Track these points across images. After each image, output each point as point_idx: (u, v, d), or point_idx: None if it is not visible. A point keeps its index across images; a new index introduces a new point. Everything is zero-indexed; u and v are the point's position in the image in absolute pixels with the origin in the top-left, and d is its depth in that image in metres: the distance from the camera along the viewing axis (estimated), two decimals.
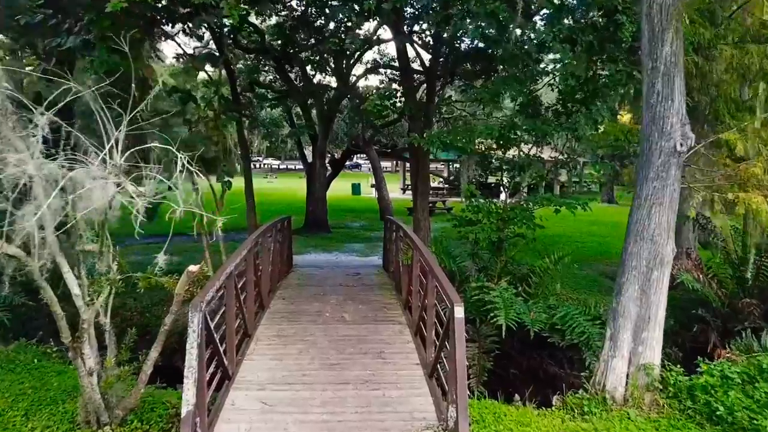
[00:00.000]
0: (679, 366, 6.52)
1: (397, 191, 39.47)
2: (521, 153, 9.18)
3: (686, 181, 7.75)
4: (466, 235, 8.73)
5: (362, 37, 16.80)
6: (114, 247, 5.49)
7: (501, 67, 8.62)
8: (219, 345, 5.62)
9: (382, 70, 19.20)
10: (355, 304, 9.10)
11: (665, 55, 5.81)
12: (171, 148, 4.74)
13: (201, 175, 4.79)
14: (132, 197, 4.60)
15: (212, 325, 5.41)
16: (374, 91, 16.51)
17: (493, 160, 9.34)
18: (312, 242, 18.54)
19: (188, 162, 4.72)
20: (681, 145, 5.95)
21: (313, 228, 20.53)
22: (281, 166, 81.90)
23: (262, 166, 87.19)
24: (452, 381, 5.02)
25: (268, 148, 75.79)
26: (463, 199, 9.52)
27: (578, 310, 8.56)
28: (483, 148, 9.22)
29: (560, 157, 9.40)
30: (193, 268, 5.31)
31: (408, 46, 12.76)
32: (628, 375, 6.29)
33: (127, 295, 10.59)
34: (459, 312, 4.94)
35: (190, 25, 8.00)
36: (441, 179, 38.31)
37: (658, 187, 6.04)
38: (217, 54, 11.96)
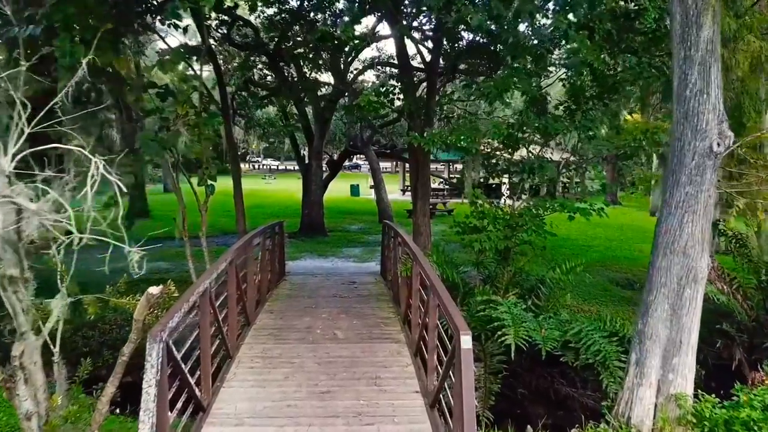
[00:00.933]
0: (712, 395, 5.77)
1: (396, 192, 38.74)
2: (530, 154, 8.45)
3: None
4: (471, 244, 7.99)
5: (359, 33, 16.11)
6: (62, 266, 4.70)
7: (508, 59, 7.90)
8: (189, 376, 4.87)
9: (380, 67, 18.45)
10: (349, 318, 8.35)
11: (702, 41, 5.06)
12: (83, 151, 3.94)
13: (119, 184, 3.94)
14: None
15: (181, 354, 4.67)
16: (370, 86, 15.76)
17: (500, 162, 8.58)
18: (307, 247, 17.81)
19: (105, 168, 3.91)
20: (718, 145, 5.21)
21: (309, 232, 19.79)
22: (280, 167, 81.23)
23: (261, 166, 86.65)
24: (458, 421, 4.28)
25: (266, 148, 75.30)
26: (466, 201, 8.79)
27: (593, 325, 7.81)
28: (489, 149, 8.48)
29: (571, 158, 8.66)
30: (153, 290, 4.56)
31: (407, 41, 12.06)
32: (656, 406, 5.55)
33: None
34: (466, 342, 4.19)
35: (167, 14, 7.27)
36: (441, 180, 37.55)
37: (691, 192, 5.29)
38: (202, 47, 11.24)
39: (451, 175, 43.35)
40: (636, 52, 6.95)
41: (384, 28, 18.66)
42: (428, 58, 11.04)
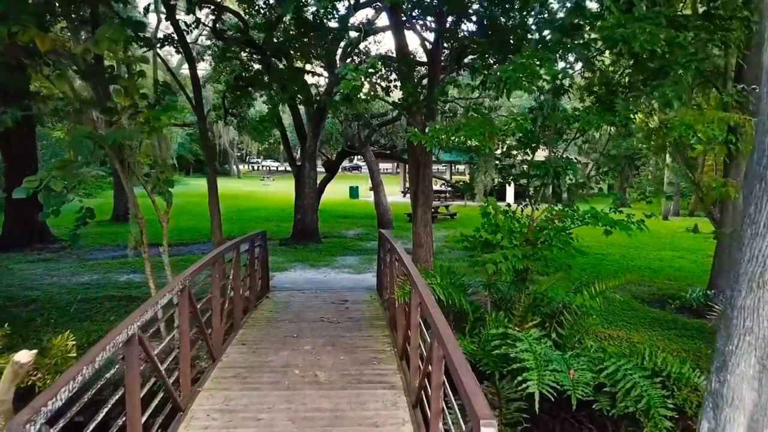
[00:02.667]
0: None
1: (397, 195, 37.37)
2: (552, 154, 7.05)
3: None
4: (483, 264, 6.59)
5: (356, 23, 14.76)
6: None
7: (526, 41, 6.58)
8: None
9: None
10: (336, 352, 6.95)
11: None
12: None
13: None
14: None
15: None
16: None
17: (517, 164, 7.18)
18: (299, 255, 16.42)
19: None
20: None
21: (302, 238, 18.42)
22: (279, 168, 79.98)
23: (260, 167, 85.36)
24: None
25: (266, 149, 73.96)
26: (470, 203, 7.46)
27: (630, 362, 6.40)
28: (504, 148, 7.09)
29: (601, 158, 7.26)
30: (22, 356, 3.14)
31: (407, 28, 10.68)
32: None
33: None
34: None
35: None
36: (443, 182, 36.16)
37: None
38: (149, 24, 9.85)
39: (456, 180, 41.93)
40: (690, 26, 5.56)
41: (382, 19, 17.38)
42: (430, 45, 9.63)
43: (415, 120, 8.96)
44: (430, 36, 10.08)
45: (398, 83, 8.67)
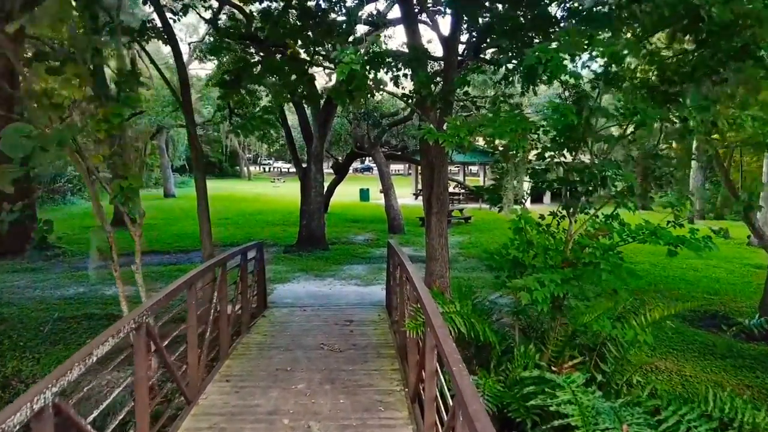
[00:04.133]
0: None
1: (408, 197, 36.26)
2: (594, 156, 5.86)
3: None
4: (515, 291, 5.41)
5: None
6: None
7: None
8: None
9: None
10: (335, 392, 5.82)
11: None
12: None
13: None
14: None
15: None
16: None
17: (553, 167, 5.99)
18: (303, 264, 15.33)
19: None
20: None
21: (308, 245, 17.34)
22: (291, 169, 79.14)
23: (272, 169, 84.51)
24: None
25: (277, 150, 73.08)
26: (485, 207, 6.32)
27: (694, 410, 5.21)
28: (539, 148, 5.91)
29: (650, 161, 6.08)
30: None
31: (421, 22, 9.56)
32: None
33: None
34: None
35: None
36: (457, 183, 34.95)
37: None
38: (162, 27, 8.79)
39: (478, 187, 40.68)
40: None
41: (394, 11, 16.24)
42: (446, 32, 8.46)
43: (428, 116, 7.81)
44: (446, 27, 8.95)
45: (409, 72, 7.50)
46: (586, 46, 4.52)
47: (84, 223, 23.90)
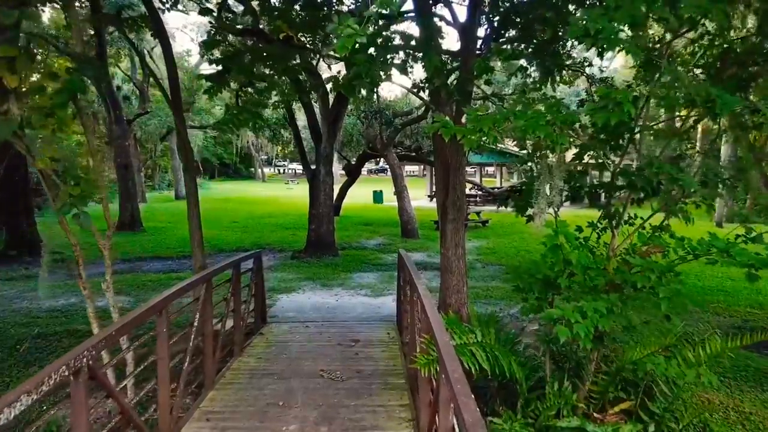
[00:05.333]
0: None
1: (423, 199, 35.32)
2: (641, 155, 4.89)
3: None
4: (549, 320, 4.43)
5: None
6: None
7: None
8: None
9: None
10: None
11: None
12: None
13: None
14: None
15: None
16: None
17: (599, 170, 5.03)
18: (311, 271, 14.45)
19: None
20: None
21: (316, 250, 16.47)
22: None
23: (286, 170, 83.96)
24: None
25: (291, 151, 72.40)
26: (502, 209, 5.35)
27: None
28: (574, 146, 4.95)
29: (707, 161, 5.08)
30: None
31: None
32: None
33: None
34: None
35: None
36: (473, 185, 33.90)
37: None
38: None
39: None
40: None
41: (408, 4, 15.29)
42: (463, 17, 7.51)
43: (443, 111, 6.87)
44: (463, 15, 7.99)
45: (418, 66, 6.55)
46: (650, 12, 3.53)
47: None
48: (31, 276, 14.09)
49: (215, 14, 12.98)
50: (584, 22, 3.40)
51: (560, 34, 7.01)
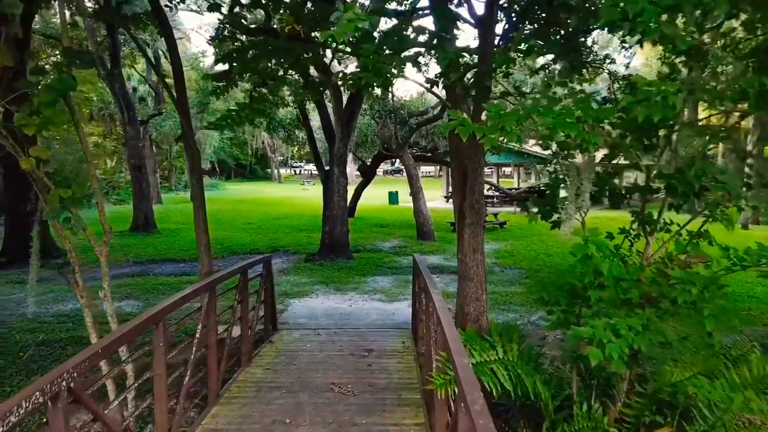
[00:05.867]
0: None
1: (439, 200, 34.90)
2: (675, 155, 4.46)
3: None
4: (578, 337, 4.01)
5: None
6: None
7: None
8: None
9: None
10: None
11: None
12: None
13: None
14: None
15: None
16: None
17: (632, 171, 4.57)
18: (324, 274, 14.12)
19: None
20: None
21: (330, 253, 16.13)
22: None
23: (302, 171, 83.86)
24: None
25: (307, 152, 72.21)
26: (519, 210, 4.98)
27: None
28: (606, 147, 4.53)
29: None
30: None
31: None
32: None
33: None
34: None
35: None
36: (491, 186, 33.36)
37: None
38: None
39: (509, 187, 39.04)
40: None
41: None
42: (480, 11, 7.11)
43: (459, 108, 6.47)
44: (480, 8, 7.58)
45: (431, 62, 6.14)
46: None
47: (102, 229, 23.21)
48: (42, 279, 13.90)
49: (225, 11, 12.71)
50: (621, 4, 2.99)
51: (585, 23, 6.58)
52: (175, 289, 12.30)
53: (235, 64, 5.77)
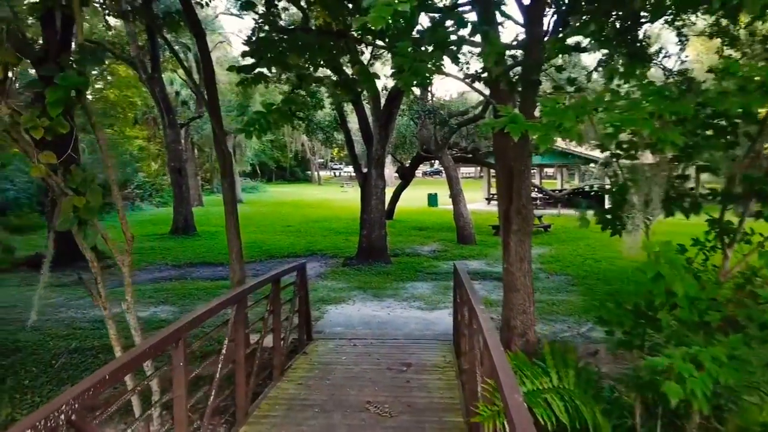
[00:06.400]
0: None
1: (480, 202, 34.14)
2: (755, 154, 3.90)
3: None
4: (649, 372, 3.47)
5: None
6: None
7: None
8: None
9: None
10: None
11: None
12: None
13: None
14: None
15: None
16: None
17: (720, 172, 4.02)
18: (362, 279, 13.74)
19: None
20: None
21: (368, 257, 15.74)
22: None
23: (341, 173, 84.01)
24: None
25: (347, 155, 72.45)
26: (564, 212, 4.42)
27: None
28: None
29: None
30: None
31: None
32: None
33: None
34: None
35: None
36: (534, 187, 32.40)
37: None
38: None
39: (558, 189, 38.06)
40: None
41: None
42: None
43: (504, 103, 5.97)
44: None
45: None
46: None
47: (145, 231, 23.44)
48: (81, 283, 13.99)
49: (262, 11, 12.47)
50: None
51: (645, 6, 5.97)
52: (212, 294, 12.11)
53: (258, 57, 5.42)
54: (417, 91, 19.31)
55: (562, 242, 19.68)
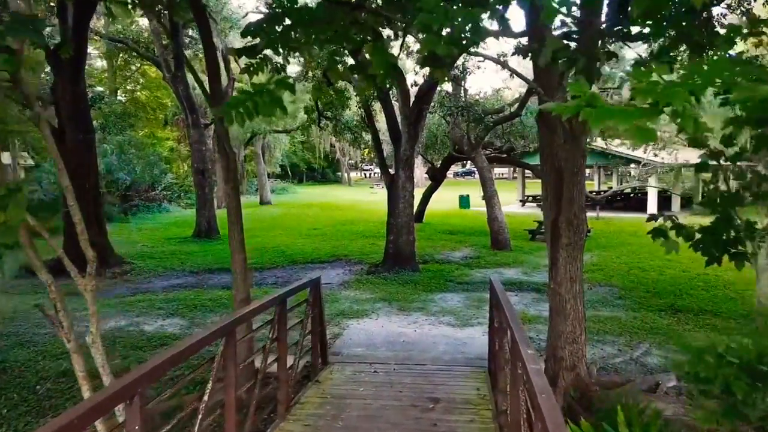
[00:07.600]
0: None
1: (514, 204, 32.80)
2: None
3: None
4: None
5: None
6: None
7: None
8: None
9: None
10: None
11: None
12: None
13: None
14: None
15: None
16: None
17: None
18: (387, 290, 12.73)
19: None
20: None
21: (395, 264, 14.73)
22: None
23: (371, 174, 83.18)
24: None
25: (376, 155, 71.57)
26: (603, 215, 3.45)
27: None
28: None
29: None
30: None
31: None
32: None
33: None
34: None
35: None
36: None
37: None
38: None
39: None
40: None
41: None
42: None
43: (553, 95, 4.89)
44: None
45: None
46: None
47: (168, 234, 22.93)
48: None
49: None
50: None
51: None
52: (224, 306, 11.28)
53: (258, 35, 4.50)
54: (449, 86, 18.19)
55: (603, 248, 18.30)
